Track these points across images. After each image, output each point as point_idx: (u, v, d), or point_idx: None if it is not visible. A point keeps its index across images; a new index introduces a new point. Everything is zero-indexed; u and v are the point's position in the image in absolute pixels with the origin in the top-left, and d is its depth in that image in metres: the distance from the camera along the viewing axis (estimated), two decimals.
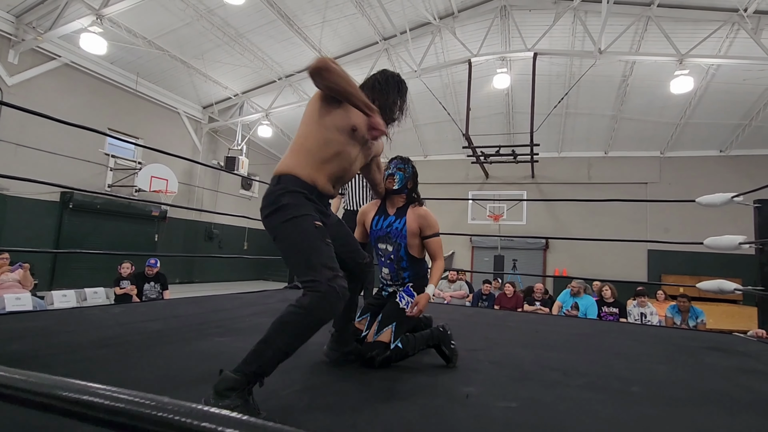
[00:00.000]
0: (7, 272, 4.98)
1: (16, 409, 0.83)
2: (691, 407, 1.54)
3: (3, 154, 8.17)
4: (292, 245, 1.41)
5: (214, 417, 0.37)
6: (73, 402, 0.41)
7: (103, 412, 0.39)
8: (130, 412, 0.39)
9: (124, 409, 0.39)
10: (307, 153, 1.49)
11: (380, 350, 1.81)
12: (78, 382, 0.44)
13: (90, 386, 0.43)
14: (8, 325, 2.35)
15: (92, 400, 0.41)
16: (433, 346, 1.92)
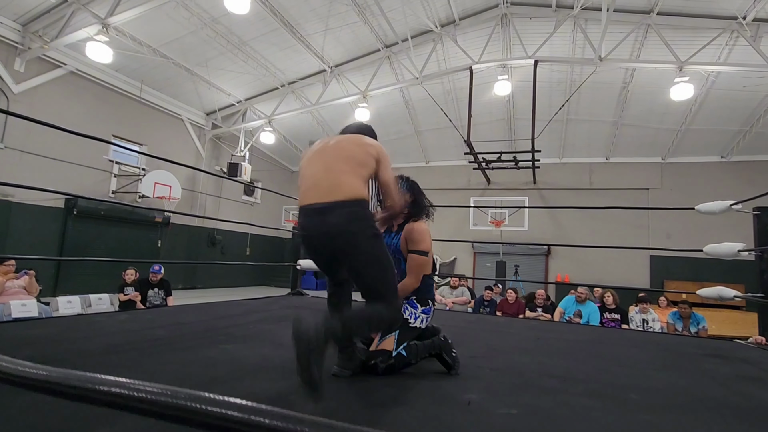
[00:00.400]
0: (12, 279, 5.02)
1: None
2: (689, 414, 1.56)
3: (8, 161, 8.25)
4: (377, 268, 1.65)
5: (233, 405, 0.41)
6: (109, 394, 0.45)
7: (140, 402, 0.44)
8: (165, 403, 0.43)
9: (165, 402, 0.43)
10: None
11: (383, 358, 1.85)
12: (110, 377, 0.48)
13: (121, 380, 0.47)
14: (16, 332, 2.39)
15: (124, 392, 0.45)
16: (435, 355, 1.96)
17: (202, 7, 8.75)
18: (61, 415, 1.21)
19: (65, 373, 0.52)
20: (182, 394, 0.45)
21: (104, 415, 1.20)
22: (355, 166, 1.69)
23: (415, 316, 2.01)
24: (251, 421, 0.44)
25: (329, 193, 1.63)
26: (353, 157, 1.70)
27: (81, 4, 8.05)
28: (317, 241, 1.68)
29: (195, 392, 0.47)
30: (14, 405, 1.25)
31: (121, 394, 0.47)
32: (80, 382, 0.50)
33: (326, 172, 1.68)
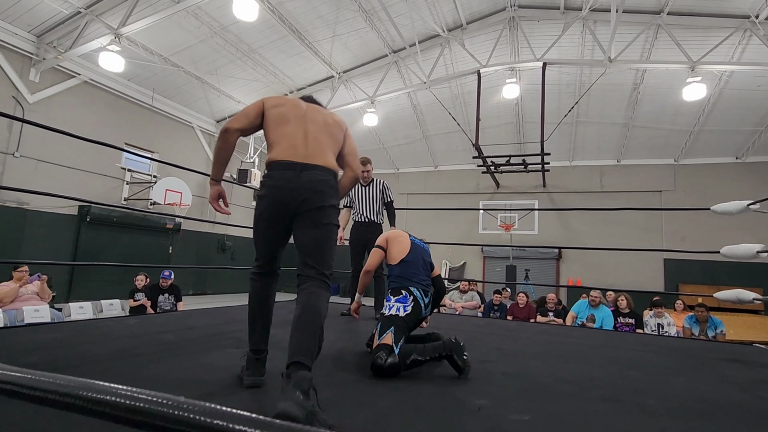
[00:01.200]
0: (26, 284, 5.09)
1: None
2: (709, 420, 1.50)
3: (24, 170, 8.41)
4: (332, 240, 1.72)
5: (227, 415, 0.39)
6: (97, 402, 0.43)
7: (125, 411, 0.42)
8: (150, 411, 0.41)
9: (144, 408, 0.41)
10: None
11: (385, 351, 1.91)
12: (100, 383, 0.46)
13: (112, 387, 0.45)
14: (28, 336, 2.40)
15: (114, 400, 0.43)
16: (446, 357, 1.94)
17: (212, 15, 8.87)
18: (63, 420, 1.20)
19: (50, 377, 0.50)
20: (168, 402, 0.43)
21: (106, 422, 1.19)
22: (332, 144, 1.81)
23: (389, 307, 2.18)
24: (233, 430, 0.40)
25: (312, 157, 1.69)
26: (333, 134, 1.82)
27: (94, 15, 8.22)
28: (288, 195, 1.63)
29: (179, 399, 0.44)
30: (16, 411, 1.24)
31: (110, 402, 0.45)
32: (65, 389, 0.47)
33: (310, 140, 1.73)
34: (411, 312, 2.17)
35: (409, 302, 2.21)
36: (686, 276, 11.77)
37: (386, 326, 2.06)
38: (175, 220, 11.09)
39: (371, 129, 13.11)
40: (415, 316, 2.20)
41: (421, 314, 2.25)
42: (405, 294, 2.24)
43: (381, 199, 3.98)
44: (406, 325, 2.14)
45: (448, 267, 14.13)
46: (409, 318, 2.15)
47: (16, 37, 8.31)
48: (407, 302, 2.21)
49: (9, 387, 0.49)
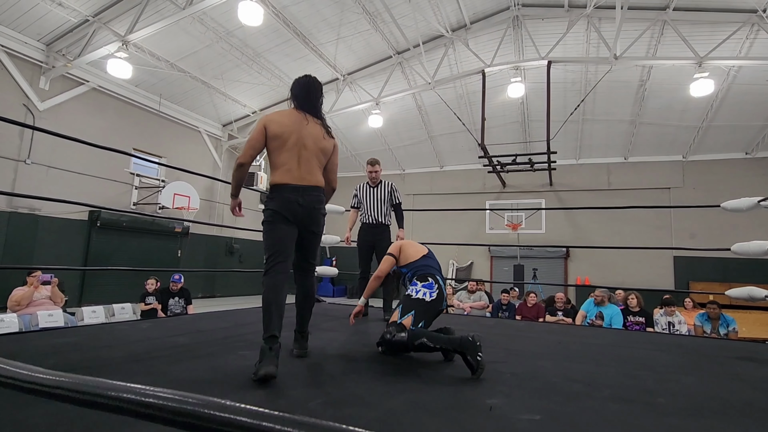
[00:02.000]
0: (39, 288, 5.16)
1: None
2: (722, 420, 1.50)
3: (35, 176, 8.54)
4: (321, 234, 2.29)
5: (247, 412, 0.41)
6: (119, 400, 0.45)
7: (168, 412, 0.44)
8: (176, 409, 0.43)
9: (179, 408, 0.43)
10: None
11: (396, 328, 2.02)
12: (120, 383, 0.49)
13: (134, 387, 0.47)
14: (43, 341, 2.45)
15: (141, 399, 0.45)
16: (459, 353, 1.95)
17: (217, 21, 8.96)
18: (84, 423, 1.23)
19: (77, 378, 0.53)
20: (193, 400, 0.45)
21: (125, 422, 1.22)
22: (320, 164, 2.23)
23: (416, 290, 2.23)
24: (263, 428, 0.43)
25: (304, 179, 2.14)
26: (321, 156, 2.22)
27: (102, 23, 8.33)
28: (296, 210, 2.11)
29: (206, 398, 0.47)
30: (38, 413, 1.27)
31: (131, 400, 0.47)
32: (90, 389, 0.50)
33: (303, 163, 2.15)
34: (436, 299, 2.21)
35: (435, 289, 2.24)
36: (696, 273, 11.65)
37: (408, 308, 2.13)
38: (183, 224, 11.19)
39: (376, 130, 13.13)
40: (437, 305, 2.23)
41: (442, 305, 2.27)
42: (431, 281, 2.27)
43: (389, 201, 3.99)
44: (429, 312, 2.18)
45: (456, 267, 14.11)
46: (434, 304, 2.19)
47: (26, 46, 8.45)
48: (433, 288, 2.24)
49: (44, 389, 0.51)
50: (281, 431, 0.40)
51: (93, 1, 8.04)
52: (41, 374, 0.57)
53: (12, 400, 1.34)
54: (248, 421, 0.42)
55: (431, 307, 2.19)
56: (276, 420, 0.42)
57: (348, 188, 4.47)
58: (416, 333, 1.99)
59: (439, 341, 1.98)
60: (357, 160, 14.99)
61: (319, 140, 2.20)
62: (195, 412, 0.44)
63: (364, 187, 4.07)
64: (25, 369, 0.58)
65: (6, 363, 0.59)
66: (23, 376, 0.56)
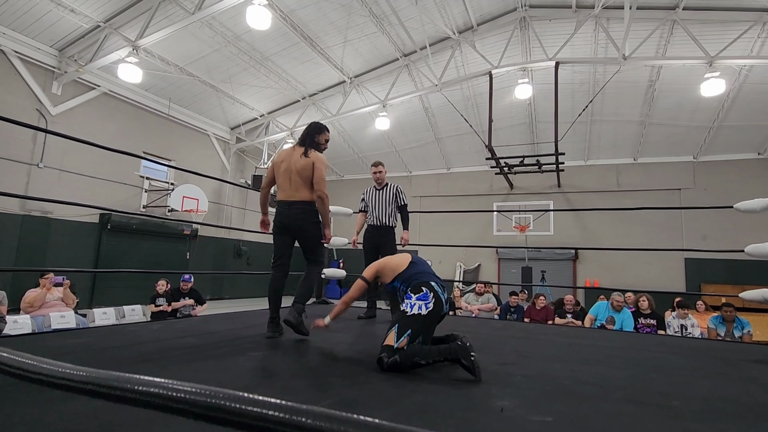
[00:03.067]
0: (52, 290, 5.23)
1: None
2: (737, 423, 1.48)
3: (48, 180, 8.67)
4: (317, 239, 2.93)
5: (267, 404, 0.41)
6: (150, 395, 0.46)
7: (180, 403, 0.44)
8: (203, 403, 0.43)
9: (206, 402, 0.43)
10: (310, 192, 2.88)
11: (387, 353, 1.96)
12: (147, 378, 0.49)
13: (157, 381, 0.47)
14: (56, 342, 2.48)
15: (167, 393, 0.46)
16: (453, 360, 1.94)
17: (226, 25, 9.04)
18: (99, 421, 1.24)
19: (105, 374, 0.54)
20: (221, 394, 0.46)
21: (140, 422, 1.23)
22: (306, 182, 2.83)
23: (410, 305, 2.12)
24: (292, 422, 0.43)
25: (293, 195, 2.84)
26: (305, 175, 2.83)
27: (113, 29, 8.45)
28: (286, 220, 2.84)
29: (233, 392, 0.47)
30: (53, 411, 1.29)
31: (159, 394, 0.48)
32: (119, 383, 0.50)
33: (292, 183, 2.84)
34: (433, 308, 2.13)
35: (430, 299, 2.16)
36: (708, 276, 11.49)
37: (404, 329, 2.03)
38: (192, 227, 11.28)
39: (383, 132, 13.15)
40: (437, 312, 2.16)
41: (443, 309, 2.20)
42: (426, 291, 2.18)
43: (394, 203, 3.99)
44: (427, 324, 2.11)
45: (463, 269, 14.05)
46: (431, 315, 2.12)
47: (39, 52, 8.59)
48: (428, 299, 2.15)
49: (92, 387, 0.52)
50: (312, 425, 0.41)
51: (104, 7, 8.15)
52: (71, 370, 0.58)
53: (27, 399, 1.36)
54: (279, 415, 0.42)
55: (428, 319, 2.11)
56: (305, 414, 0.42)
57: (356, 190, 4.49)
58: (408, 353, 1.95)
59: (431, 356, 1.95)
60: (364, 163, 15.01)
61: (299, 162, 2.82)
62: (226, 406, 0.44)
63: (371, 190, 4.09)
64: (54, 365, 0.59)
65: (35, 359, 0.60)
66: (53, 372, 0.57)
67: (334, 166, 16.04)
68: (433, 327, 2.19)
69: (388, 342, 2.00)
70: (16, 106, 8.26)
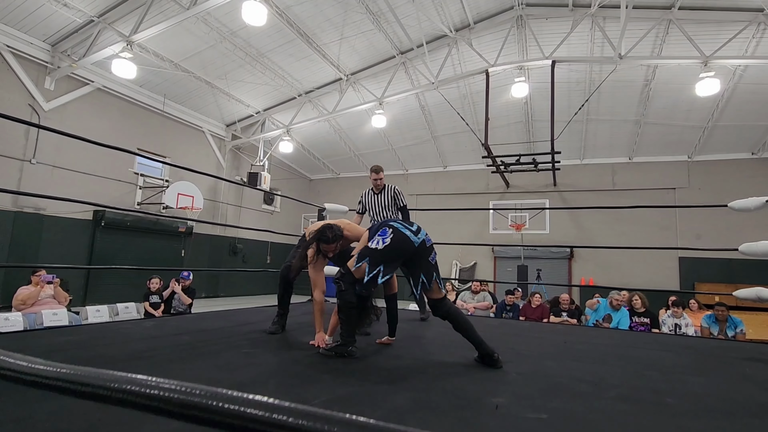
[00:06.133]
0: (44, 287, 5.18)
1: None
2: (731, 420, 1.48)
3: (40, 176, 8.58)
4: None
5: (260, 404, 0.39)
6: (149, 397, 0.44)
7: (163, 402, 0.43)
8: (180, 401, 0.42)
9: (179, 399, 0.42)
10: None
11: (344, 280, 2.19)
12: (127, 375, 0.47)
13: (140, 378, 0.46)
14: (47, 339, 2.45)
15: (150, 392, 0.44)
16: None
17: (221, 21, 8.97)
18: (88, 419, 1.22)
19: (79, 370, 0.51)
20: (199, 391, 0.44)
21: (130, 420, 1.21)
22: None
23: (373, 241, 2.25)
24: (275, 421, 0.41)
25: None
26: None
27: (106, 24, 8.36)
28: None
29: (213, 389, 0.45)
30: (42, 410, 1.27)
31: (135, 392, 0.46)
32: (96, 380, 0.48)
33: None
34: (390, 243, 2.18)
35: (387, 234, 2.22)
36: (702, 275, 11.56)
37: (363, 257, 2.21)
38: (187, 224, 11.21)
39: (379, 130, 13.12)
40: (395, 246, 2.19)
41: (408, 245, 2.21)
42: (385, 229, 2.26)
43: (393, 205, 3.97)
44: (386, 258, 2.18)
45: (459, 267, 14.07)
46: (388, 248, 2.17)
47: (31, 47, 8.49)
48: (386, 235, 2.23)
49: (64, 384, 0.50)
50: (293, 423, 0.39)
51: (98, 1, 8.06)
52: (42, 366, 0.56)
53: (14, 397, 1.34)
54: (258, 413, 0.41)
55: (386, 252, 2.17)
56: (286, 411, 0.40)
57: (352, 188, 4.48)
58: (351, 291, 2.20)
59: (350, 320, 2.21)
60: (360, 161, 14.98)
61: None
62: (201, 404, 0.42)
63: (369, 194, 4.05)
64: (24, 360, 0.56)
65: (6, 355, 0.58)
66: (22, 368, 0.55)
67: (330, 164, 16.00)
68: (394, 261, 2.23)
69: (349, 264, 2.23)
70: (8, 102, 8.17)
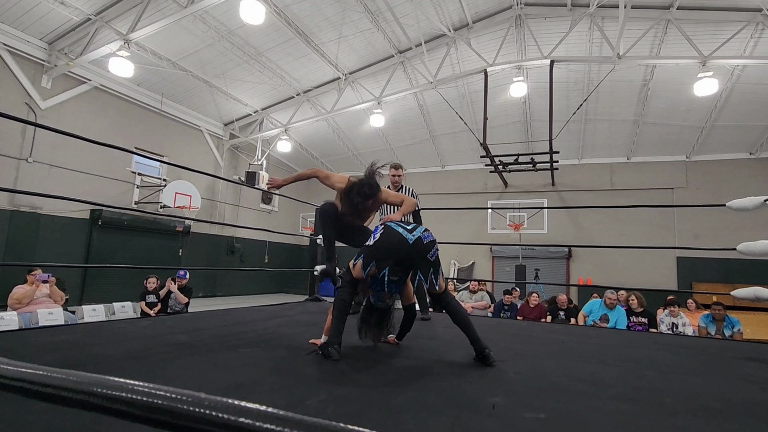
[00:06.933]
0: (40, 287, 5.15)
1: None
2: (728, 419, 1.47)
3: (37, 175, 8.54)
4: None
5: (250, 412, 0.38)
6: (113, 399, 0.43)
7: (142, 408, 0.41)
8: (167, 408, 0.40)
9: (162, 406, 0.40)
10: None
11: (344, 274, 2.31)
12: (117, 379, 0.46)
13: (129, 383, 0.44)
14: (42, 338, 2.43)
15: (132, 397, 0.42)
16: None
17: (219, 20, 8.95)
18: (80, 419, 1.20)
19: (64, 374, 0.50)
20: (185, 398, 0.42)
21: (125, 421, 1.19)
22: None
23: (370, 239, 2.31)
24: (257, 428, 0.40)
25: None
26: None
27: (104, 22, 8.32)
28: None
29: (214, 398, 0.44)
30: (33, 409, 1.25)
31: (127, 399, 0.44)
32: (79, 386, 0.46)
33: None
34: (379, 239, 2.23)
35: (378, 232, 2.28)
36: (700, 274, 11.59)
37: (360, 253, 2.29)
38: (184, 223, 11.18)
39: (378, 130, 13.11)
40: (385, 243, 2.21)
41: (401, 241, 2.20)
42: (378, 227, 2.34)
43: None
44: (379, 254, 2.21)
45: (457, 267, 14.07)
46: (378, 244, 2.22)
47: (28, 45, 8.45)
48: (377, 232, 2.29)
49: (25, 385, 0.48)
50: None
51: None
52: (28, 369, 0.54)
53: (5, 396, 1.32)
54: (242, 421, 0.39)
55: (376, 249, 2.22)
56: (273, 420, 0.39)
57: None
58: (347, 285, 2.28)
59: (340, 319, 2.25)
60: (358, 160, 14.96)
61: None
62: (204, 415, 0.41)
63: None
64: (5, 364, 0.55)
65: None
66: (9, 372, 0.54)
67: (328, 164, 15.97)
68: (386, 257, 2.23)
69: (351, 262, 2.33)
70: (4, 100, 8.13)
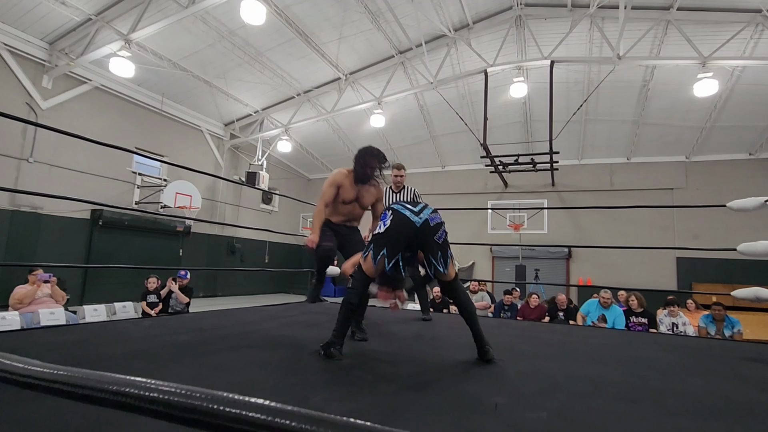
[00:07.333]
0: (41, 287, 5.16)
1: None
2: (729, 420, 1.48)
3: (38, 175, 8.55)
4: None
5: (252, 406, 0.39)
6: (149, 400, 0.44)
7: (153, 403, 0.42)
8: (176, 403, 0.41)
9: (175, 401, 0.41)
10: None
11: (356, 272, 2.25)
12: (123, 377, 0.47)
13: (136, 380, 0.45)
14: (44, 338, 2.44)
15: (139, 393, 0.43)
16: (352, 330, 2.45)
17: (220, 20, 8.96)
18: (86, 418, 1.21)
19: (77, 372, 0.51)
20: (200, 394, 0.43)
21: (130, 418, 1.20)
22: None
23: (378, 227, 2.25)
24: (276, 424, 0.41)
25: None
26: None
27: (104, 22, 8.34)
28: None
29: (214, 392, 0.45)
30: (42, 408, 1.26)
31: (133, 395, 0.45)
32: (89, 382, 0.48)
33: None
34: (390, 225, 2.17)
35: (387, 217, 2.21)
36: (700, 274, 11.60)
37: (369, 244, 2.23)
38: (185, 223, 11.19)
39: (378, 130, 13.12)
40: (396, 227, 2.15)
41: (409, 224, 2.16)
42: (386, 212, 2.25)
43: None
44: (388, 241, 2.16)
45: (457, 267, 14.06)
46: (389, 231, 2.16)
47: (29, 45, 8.46)
48: (386, 218, 2.21)
49: (63, 387, 0.49)
50: (296, 428, 0.38)
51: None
52: (38, 368, 0.55)
53: (14, 396, 1.33)
54: (260, 417, 0.40)
55: (387, 236, 2.16)
56: (290, 416, 0.39)
57: None
58: (349, 295, 2.19)
59: (345, 320, 2.17)
60: None
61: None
62: (201, 407, 0.42)
63: (388, 192, 4.02)
64: (21, 362, 0.56)
65: (2, 356, 0.57)
66: (19, 369, 0.54)
67: (328, 164, 15.98)
68: (397, 242, 2.18)
69: (357, 259, 2.31)
70: (5, 100, 8.13)
